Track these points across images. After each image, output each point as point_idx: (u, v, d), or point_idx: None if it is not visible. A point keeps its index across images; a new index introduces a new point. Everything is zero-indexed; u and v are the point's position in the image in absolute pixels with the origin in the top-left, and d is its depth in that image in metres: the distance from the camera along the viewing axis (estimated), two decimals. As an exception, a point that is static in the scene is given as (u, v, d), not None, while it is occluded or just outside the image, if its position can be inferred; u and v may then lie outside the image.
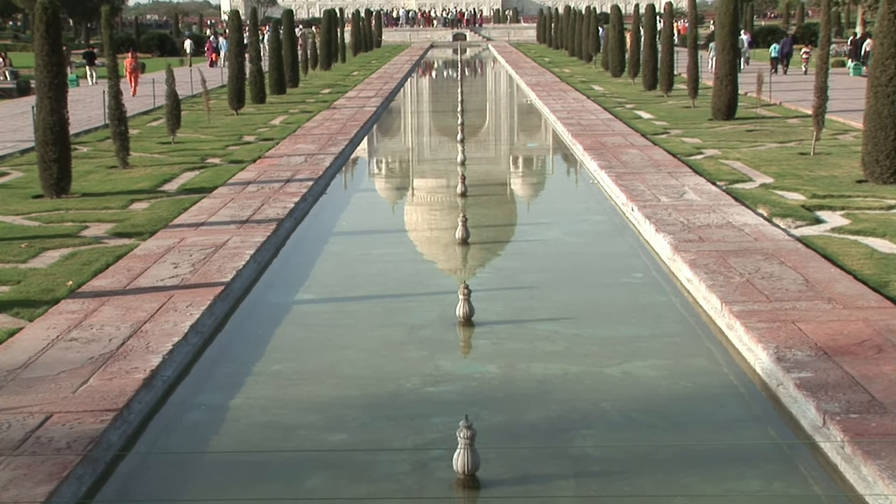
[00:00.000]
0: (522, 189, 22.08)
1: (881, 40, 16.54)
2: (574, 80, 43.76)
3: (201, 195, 17.18)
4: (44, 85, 16.66)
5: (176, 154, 22.32)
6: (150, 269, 12.17)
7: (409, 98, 44.60)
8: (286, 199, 16.78)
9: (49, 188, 16.95)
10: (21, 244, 13.43)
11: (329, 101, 35.72)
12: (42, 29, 16.51)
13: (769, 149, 21.65)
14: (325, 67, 54.78)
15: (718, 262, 12.01)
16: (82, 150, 22.73)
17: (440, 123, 32.94)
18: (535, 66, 54.54)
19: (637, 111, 30.07)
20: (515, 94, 43.26)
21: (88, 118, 29.28)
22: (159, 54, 71.25)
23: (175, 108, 23.60)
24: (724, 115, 26.71)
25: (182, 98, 25.63)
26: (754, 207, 15.29)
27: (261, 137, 25.30)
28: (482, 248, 14.84)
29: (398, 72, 52.32)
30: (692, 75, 30.56)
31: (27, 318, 10.23)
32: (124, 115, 19.83)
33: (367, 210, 19.21)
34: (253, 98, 33.95)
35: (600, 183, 19.15)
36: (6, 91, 40.09)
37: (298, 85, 42.36)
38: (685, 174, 18.53)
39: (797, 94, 31.98)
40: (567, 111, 30.31)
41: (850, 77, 41.10)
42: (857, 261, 11.92)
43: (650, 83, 36.63)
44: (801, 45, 60.12)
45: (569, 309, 11.80)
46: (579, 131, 25.29)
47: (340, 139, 24.69)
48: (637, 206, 15.58)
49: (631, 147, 22.30)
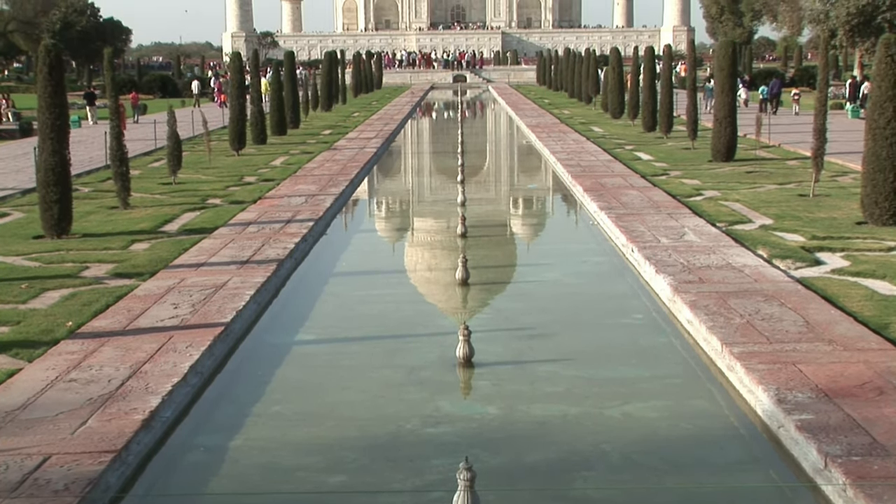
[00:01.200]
0: (522, 230, 22.11)
1: (879, 83, 16.64)
2: (574, 121, 43.95)
3: (202, 236, 17.20)
4: (46, 126, 16.74)
5: (177, 195, 22.37)
6: (150, 309, 12.16)
7: (410, 139, 44.77)
8: (287, 239, 16.80)
9: (50, 229, 16.98)
10: (21, 285, 13.43)
11: (330, 141, 35.85)
12: (45, 71, 16.62)
13: (769, 190, 21.70)
14: (326, 108, 55.04)
15: (718, 303, 12.01)
16: (83, 191, 22.78)
17: (440, 164, 33.04)
18: (534, 108, 54.79)
19: (636, 152, 30.17)
20: (515, 136, 43.43)
21: (90, 159, 29.38)
22: (161, 95, 71.61)
23: (176, 149, 23.69)
24: (723, 157, 26.81)
25: (184, 139, 25.74)
26: (754, 249, 15.31)
27: (261, 178, 25.37)
28: (482, 289, 14.83)
29: (399, 113, 52.56)
30: (691, 117, 30.72)
31: (26, 359, 10.22)
32: (125, 156, 19.90)
33: (367, 251, 19.22)
34: (254, 139, 34.09)
35: (600, 224, 19.18)
36: (9, 132, 40.24)
37: (299, 126, 42.55)
38: (685, 215, 18.57)
39: (796, 136, 32.09)
40: (567, 152, 30.42)
41: (849, 119, 41.29)
42: (857, 302, 11.91)
43: (650, 125, 36.79)
44: (792, 87, 60.68)
45: (569, 350, 11.79)
46: (579, 172, 25.36)
47: (341, 180, 24.76)
48: (637, 247, 15.60)
49: (631, 188, 22.36)
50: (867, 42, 53.78)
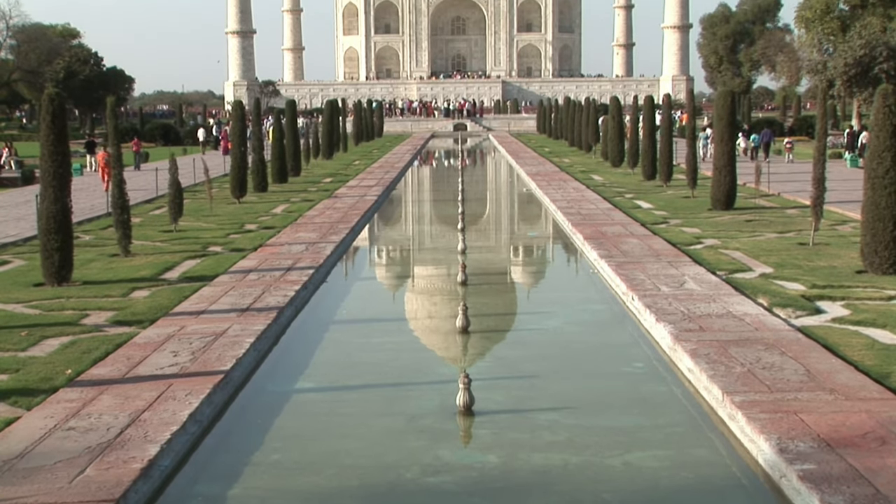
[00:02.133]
0: (523, 278, 22.12)
1: (877, 133, 16.73)
2: (574, 169, 44.11)
3: (202, 283, 17.21)
4: (48, 174, 16.81)
5: (177, 242, 22.41)
6: (150, 357, 12.14)
7: (411, 187, 44.91)
8: (287, 287, 16.81)
9: (50, 276, 16.99)
10: (21, 332, 13.41)
11: (330, 189, 35.97)
12: (48, 119, 16.72)
13: (768, 239, 21.73)
14: (327, 157, 55.26)
15: (719, 351, 11.99)
16: (84, 239, 22.82)
17: (441, 212, 33.12)
18: (535, 156, 55.01)
19: (636, 201, 30.26)
20: (516, 184, 43.57)
21: (91, 206, 29.46)
22: (163, 143, 71.96)
23: (178, 197, 23.77)
24: (723, 205, 26.88)
25: (185, 186, 25.82)
26: (754, 297, 15.30)
27: (262, 226, 25.43)
28: (483, 337, 14.81)
29: (399, 161, 52.76)
30: (691, 165, 30.84)
31: (25, 407, 10.18)
32: (127, 203, 19.96)
33: (367, 298, 19.22)
34: (255, 187, 34.21)
35: (600, 272, 19.19)
36: (10, 180, 40.39)
37: (300, 174, 42.71)
38: (685, 263, 18.58)
39: (795, 184, 32.20)
40: (567, 200, 30.50)
41: (848, 168, 41.44)
42: (858, 351, 11.89)
43: (649, 173, 36.93)
44: (786, 135, 61.27)
45: (570, 398, 11.75)
46: (579, 220, 25.42)
47: (341, 228, 24.81)
48: (637, 296, 15.60)
49: (631, 236, 22.40)
50: (865, 92, 54.16)
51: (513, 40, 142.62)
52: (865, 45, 53.56)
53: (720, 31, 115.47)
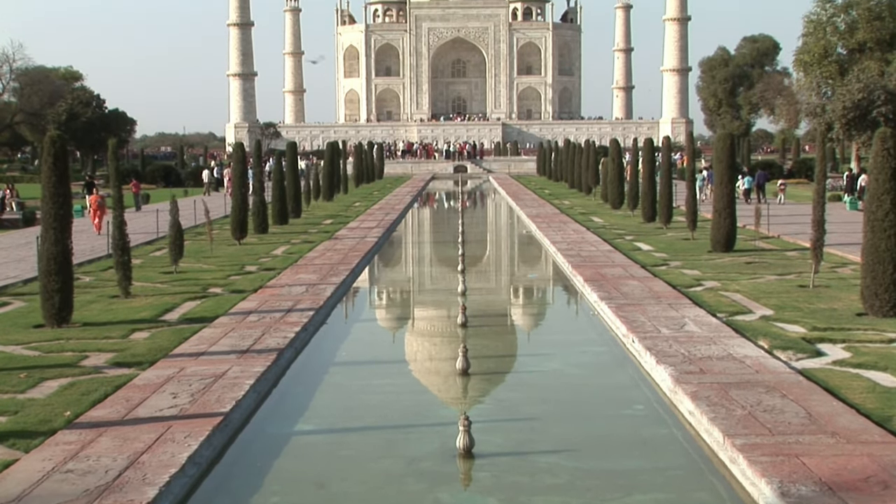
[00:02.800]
0: (523, 319, 22.10)
1: (876, 176, 16.79)
2: (574, 211, 44.20)
3: (202, 325, 17.19)
4: (49, 216, 16.86)
5: (178, 283, 22.41)
6: (149, 398, 12.11)
7: (411, 228, 44.98)
8: (287, 328, 16.79)
9: (50, 318, 16.98)
10: (20, 374, 13.39)
11: (331, 231, 36.03)
12: (50, 161, 16.79)
13: (768, 281, 21.74)
14: (328, 198, 55.40)
15: (720, 394, 11.96)
16: (85, 280, 22.83)
17: (441, 254, 33.15)
18: (535, 198, 55.15)
19: (636, 243, 30.29)
20: (516, 225, 43.64)
21: (92, 248, 29.49)
22: (164, 185, 72.17)
23: (178, 238, 23.81)
24: (723, 248, 26.91)
25: (186, 228, 25.87)
26: (755, 339, 15.28)
27: (263, 267, 25.44)
28: (483, 379, 14.78)
29: (400, 203, 52.89)
30: (691, 208, 30.91)
31: (23, 450, 10.14)
32: (127, 245, 20.00)
33: (367, 340, 19.20)
34: (256, 228, 34.26)
35: (601, 314, 19.17)
36: (12, 222, 40.45)
37: (301, 215, 42.79)
38: (685, 306, 18.57)
39: (795, 227, 32.26)
40: (567, 242, 30.54)
41: (847, 211, 41.52)
42: (859, 394, 11.86)
43: (649, 215, 37.00)
44: (779, 177, 61.78)
45: (570, 441, 11.70)
46: (579, 262, 25.44)
47: (342, 269, 24.82)
48: (637, 338, 15.58)
49: (631, 278, 22.40)
50: (863, 135, 54.35)
51: (513, 83, 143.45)
52: (863, 88, 53.82)
53: (719, 75, 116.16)
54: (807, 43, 64.78)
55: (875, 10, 62.60)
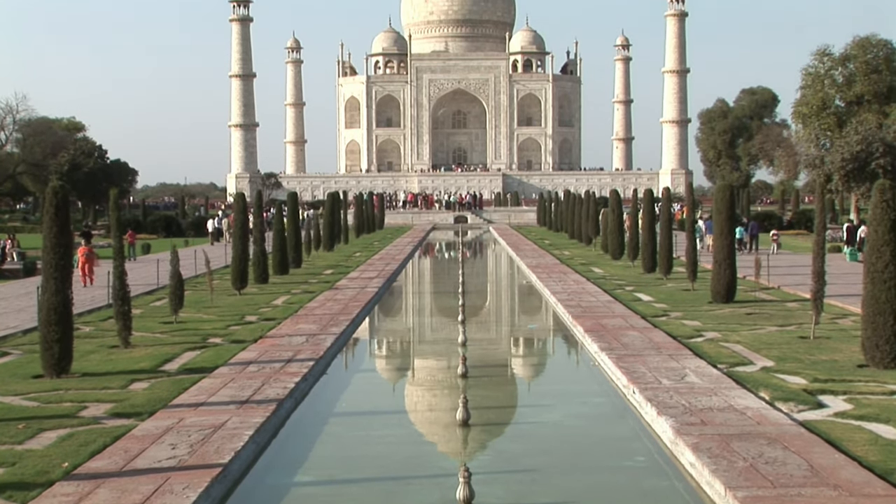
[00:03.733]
0: (523, 370, 22.04)
1: (875, 227, 16.84)
2: (574, 262, 44.22)
3: (202, 375, 17.15)
4: (50, 266, 16.88)
5: (178, 334, 22.39)
6: (148, 450, 12.05)
7: (411, 279, 44.98)
8: (287, 379, 16.75)
9: (49, 368, 16.94)
10: (18, 425, 13.33)
11: (331, 281, 36.03)
12: (51, 212, 16.85)
13: (769, 332, 21.71)
14: (328, 248, 55.47)
15: (721, 446, 11.90)
16: (85, 330, 22.80)
17: (441, 304, 33.14)
18: (535, 249, 55.20)
19: (637, 293, 30.28)
20: (516, 276, 43.65)
21: (92, 298, 29.49)
22: (165, 235, 72.31)
23: (178, 288, 23.82)
24: (723, 299, 26.91)
25: (186, 278, 25.87)
26: (756, 391, 15.24)
27: (263, 317, 25.42)
28: (483, 430, 14.71)
29: (400, 253, 52.93)
30: (691, 258, 30.94)
31: (20, 502, 10.08)
32: (128, 295, 20.00)
33: (367, 390, 19.14)
34: (256, 278, 34.26)
35: (601, 365, 19.13)
36: (12, 272, 40.48)
37: (301, 265, 42.80)
38: (686, 357, 18.54)
39: (795, 278, 32.27)
40: (567, 293, 30.53)
41: (847, 262, 41.56)
42: (861, 447, 11.80)
43: (649, 266, 37.02)
44: (782, 229, 62.15)
45: (571, 493, 11.63)
46: (580, 313, 25.42)
47: (342, 319, 24.80)
48: (638, 389, 15.53)
49: (631, 329, 22.37)
50: (862, 187, 54.58)
51: (513, 134, 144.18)
52: (862, 140, 54.15)
53: (718, 126, 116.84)
54: (805, 95, 65.30)
55: (872, 64, 63.18)
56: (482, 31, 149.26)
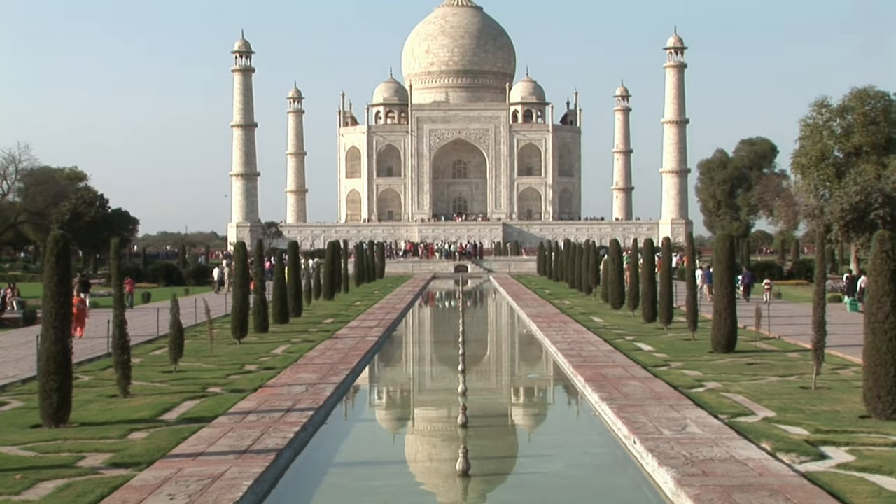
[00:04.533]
0: (524, 420, 21.95)
1: (875, 278, 16.85)
2: (574, 311, 44.18)
3: (201, 424, 17.08)
4: (50, 315, 16.88)
5: (177, 383, 22.32)
6: (146, 500, 11.97)
7: (411, 328, 44.92)
8: (286, 428, 16.68)
9: (48, 417, 16.88)
10: (15, 475, 13.26)
11: (331, 330, 35.98)
12: (52, 261, 16.89)
13: (770, 382, 21.65)
14: (329, 297, 55.46)
15: (723, 497, 11.82)
16: (84, 379, 22.73)
17: (441, 353, 33.06)
18: (535, 298, 55.17)
19: (637, 343, 30.23)
20: (516, 325, 43.60)
21: (91, 346, 29.43)
22: (165, 284, 72.30)
23: (178, 337, 23.79)
24: (724, 348, 26.86)
25: (186, 327, 25.84)
26: (757, 441, 15.17)
27: (262, 366, 25.36)
28: (483, 481, 14.63)
29: (400, 302, 52.89)
30: (691, 308, 30.92)
31: (17, 551, 10.00)
32: (127, 344, 19.98)
33: (367, 440, 19.05)
34: (256, 327, 34.22)
35: (602, 415, 19.05)
36: (12, 321, 40.44)
37: (301, 314, 42.78)
38: (687, 407, 18.47)
39: (796, 328, 32.22)
40: (568, 342, 30.48)
41: (848, 312, 41.52)
42: (864, 499, 11.73)
43: (650, 315, 36.99)
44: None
45: (572, 545, 11.54)
46: (580, 363, 25.36)
47: (342, 369, 24.74)
48: (639, 439, 15.46)
49: (632, 379, 22.31)
50: (862, 237, 54.69)
51: (513, 183, 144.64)
52: (861, 191, 54.37)
53: (718, 176, 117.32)
54: (804, 146, 65.64)
55: (870, 115, 63.58)
56: (482, 81, 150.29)
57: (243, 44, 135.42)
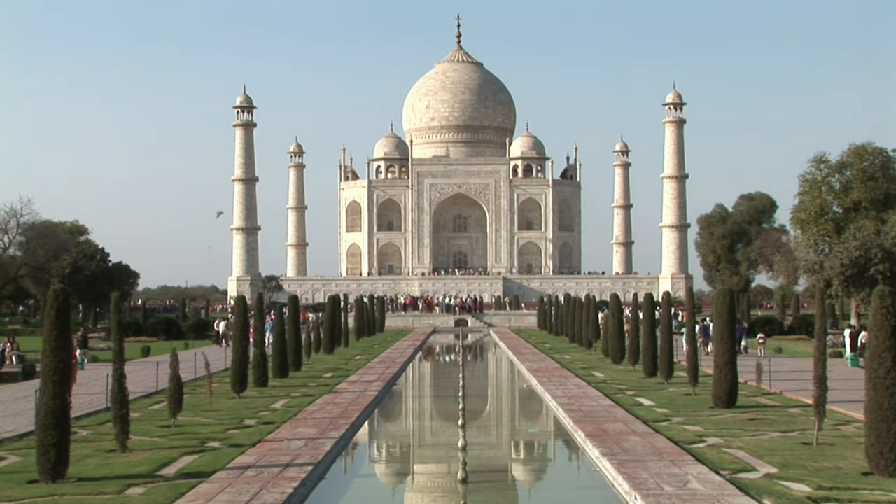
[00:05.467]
0: (524, 475, 21.81)
1: (876, 333, 16.84)
2: (575, 366, 44.06)
3: (199, 480, 16.98)
4: (49, 369, 16.87)
5: (176, 437, 22.22)
6: (143, 556, 11.88)
7: (411, 382, 44.77)
8: (285, 484, 16.58)
9: (45, 473, 16.79)
10: (13, 529, 13.17)
11: (331, 384, 35.86)
12: (52, 315, 16.90)
13: (771, 438, 21.55)
14: (329, 351, 55.33)
15: (725, 555, 11.73)
16: (82, 434, 22.63)
17: (441, 408, 32.93)
18: (535, 352, 55.04)
19: (638, 398, 30.12)
20: (516, 380, 43.46)
21: (90, 401, 29.32)
22: (165, 338, 72.18)
23: (177, 392, 23.72)
24: (724, 404, 26.77)
25: (186, 381, 25.78)
26: (759, 498, 15.07)
27: (262, 421, 25.26)
28: (483, 538, 14.51)
29: (400, 356, 52.76)
30: (692, 363, 30.85)
31: None
32: (126, 398, 19.93)
33: (366, 496, 18.93)
34: (256, 381, 34.12)
35: (602, 470, 18.95)
36: (11, 375, 40.30)
37: (301, 368, 42.66)
38: (688, 462, 18.37)
39: (797, 383, 32.12)
40: (568, 397, 30.37)
41: (849, 368, 41.42)
42: (867, 555, 11.63)
43: (650, 370, 36.90)
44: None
45: None
46: (581, 417, 25.26)
47: (341, 423, 24.64)
48: (640, 495, 15.37)
49: (633, 434, 22.21)
50: (862, 292, 54.70)
51: (513, 238, 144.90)
52: (860, 246, 54.47)
53: (717, 231, 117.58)
54: (803, 201, 65.90)
55: (868, 171, 63.90)
56: (483, 136, 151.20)
57: (245, 98, 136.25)
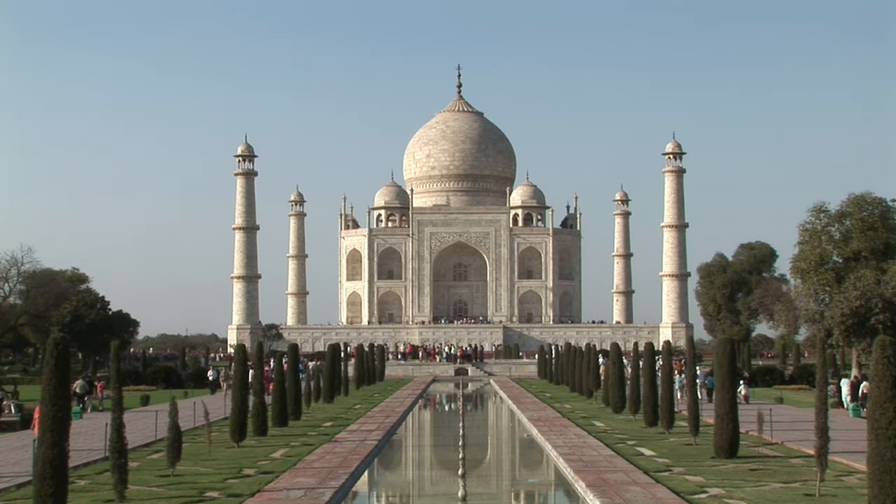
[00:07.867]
0: (525, 527, 21.66)
1: (877, 384, 16.80)
2: (575, 415, 43.91)
3: (197, 530, 16.87)
4: (48, 418, 16.83)
5: (174, 487, 22.09)
6: None
7: (411, 431, 44.57)
8: (284, 535, 16.47)
9: (43, 522, 16.69)
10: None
11: (331, 433, 35.72)
12: (52, 364, 16.89)
13: (774, 489, 21.43)
14: (328, 400, 55.13)
15: None
16: (80, 484, 22.51)
17: (441, 457, 32.76)
18: (536, 402, 54.85)
19: (639, 447, 29.99)
20: (517, 429, 43.28)
21: (89, 451, 29.19)
22: (164, 386, 71.96)
23: (176, 441, 23.63)
24: (726, 454, 26.64)
25: (185, 430, 25.68)
26: (762, 550, 14.97)
27: (261, 470, 25.13)
28: (483, 590, 14.40)
29: (400, 405, 52.56)
30: (692, 413, 30.74)
31: None
32: (125, 447, 19.86)
33: (365, 548, 18.79)
34: (255, 430, 33.98)
35: (604, 522, 18.83)
36: (9, 424, 40.15)
37: (301, 417, 42.50)
38: (690, 514, 18.25)
39: (798, 433, 32.00)
40: (569, 447, 30.24)
41: (850, 418, 41.27)
42: None
43: (651, 420, 36.76)
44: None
45: None
46: (581, 467, 25.13)
47: (341, 473, 24.51)
48: (642, 547, 15.25)
49: (633, 484, 22.09)
50: (863, 342, 54.58)
51: (514, 287, 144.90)
52: (861, 296, 54.40)
53: (718, 280, 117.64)
54: (803, 251, 65.95)
55: (868, 221, 64.02)
56: (483, 185, 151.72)
57: (246, 147, 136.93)
